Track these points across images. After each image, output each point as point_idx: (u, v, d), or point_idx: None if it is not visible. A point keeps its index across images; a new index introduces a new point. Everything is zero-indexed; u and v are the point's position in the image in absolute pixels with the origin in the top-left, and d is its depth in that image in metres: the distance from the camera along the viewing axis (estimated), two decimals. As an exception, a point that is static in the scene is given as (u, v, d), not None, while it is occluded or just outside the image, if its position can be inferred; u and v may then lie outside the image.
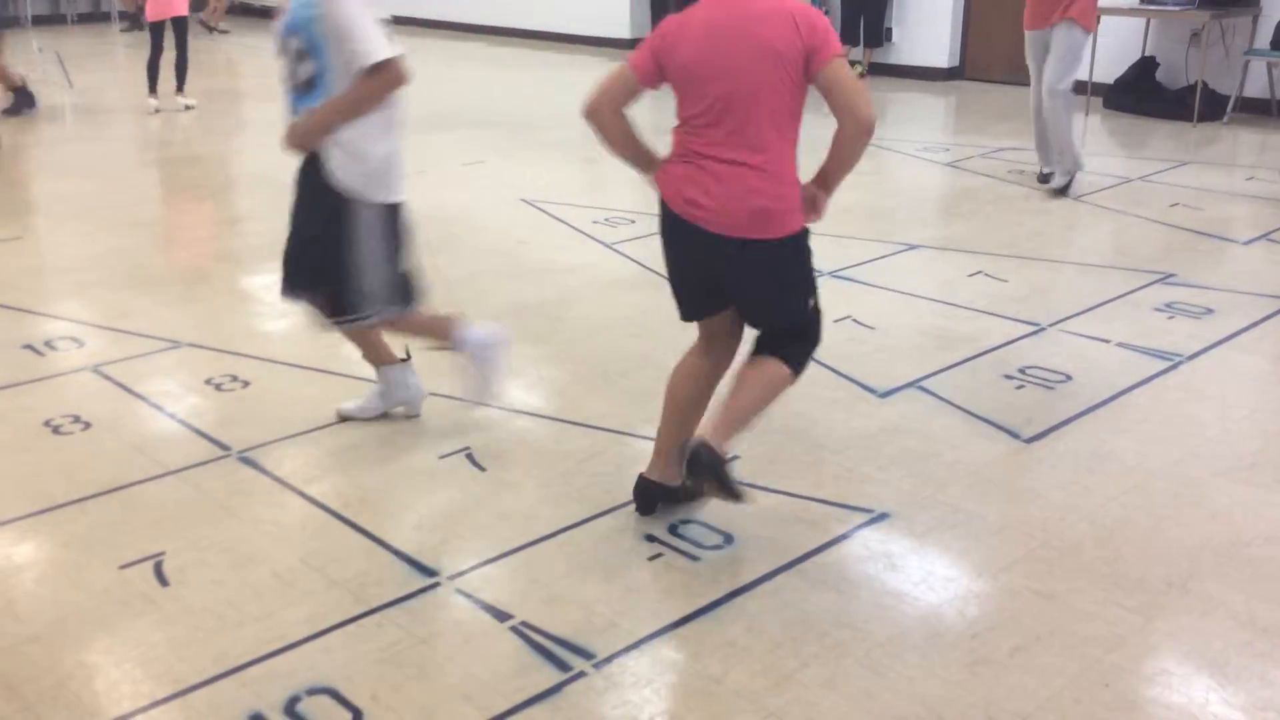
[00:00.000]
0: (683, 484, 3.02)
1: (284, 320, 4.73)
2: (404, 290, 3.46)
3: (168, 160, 8.00)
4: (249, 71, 11.81)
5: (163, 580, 2.84)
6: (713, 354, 3.11)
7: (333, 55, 3.18)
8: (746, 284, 2.93)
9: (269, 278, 5.27)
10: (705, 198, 2.82)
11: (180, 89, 9.21)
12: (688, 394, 3.09)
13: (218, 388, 3.97)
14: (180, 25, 9.00)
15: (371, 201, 3.30)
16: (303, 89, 3.26)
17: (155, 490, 3.28)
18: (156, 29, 8.94)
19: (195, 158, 7.86)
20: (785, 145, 2.82)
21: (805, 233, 2.92)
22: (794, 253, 2.90)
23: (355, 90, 3.19)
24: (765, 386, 2.95)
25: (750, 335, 3.07)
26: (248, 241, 5.87)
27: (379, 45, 3.16)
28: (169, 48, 9.01)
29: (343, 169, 3.25)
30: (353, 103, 3.20)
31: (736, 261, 2.87)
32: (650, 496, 3.12)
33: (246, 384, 4.00)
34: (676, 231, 2.93)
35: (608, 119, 2.98)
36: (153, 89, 9.08)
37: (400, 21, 14.95)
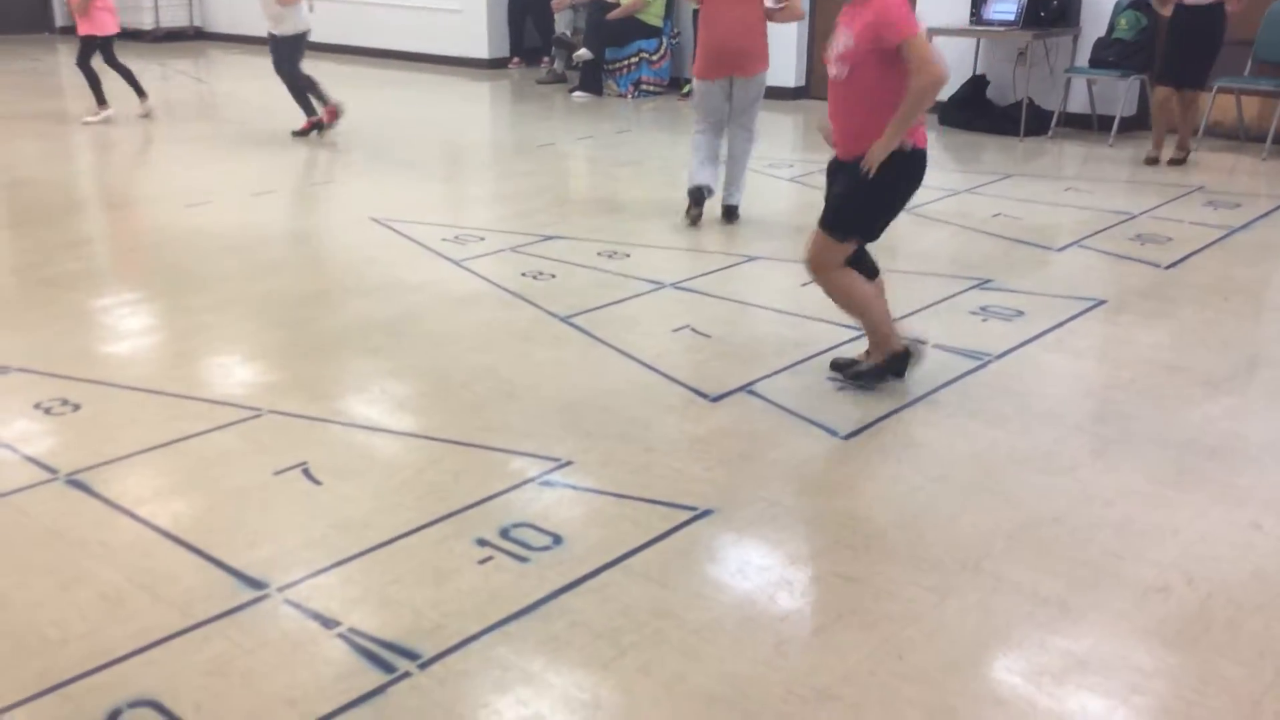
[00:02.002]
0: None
1: (118, 343, 4.68)
2: None
3: (3, 184, 7.77)
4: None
5: (-17, 604, 2.81)
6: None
7: None
8: None
9: (106, 300, 5.22)
10: None
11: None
12: (871, 287, 4.14)
13: (47, 412, 3.92)
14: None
15: None
16: None
17: (-22, 516, 3.24)
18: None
19: (29, 180, 7.64)
20: None
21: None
22: None
23: None
24: None
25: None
26: (84, 265, 5.77)
27: None
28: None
29: None
30: None
31: None
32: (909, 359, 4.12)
33: (77, 407, 3.96)
34: (920, 166, 3.91)
35: None
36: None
37: (252, 41, 14.76)
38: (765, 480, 3.46)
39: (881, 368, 4.08)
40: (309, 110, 8.83)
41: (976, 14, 9.43)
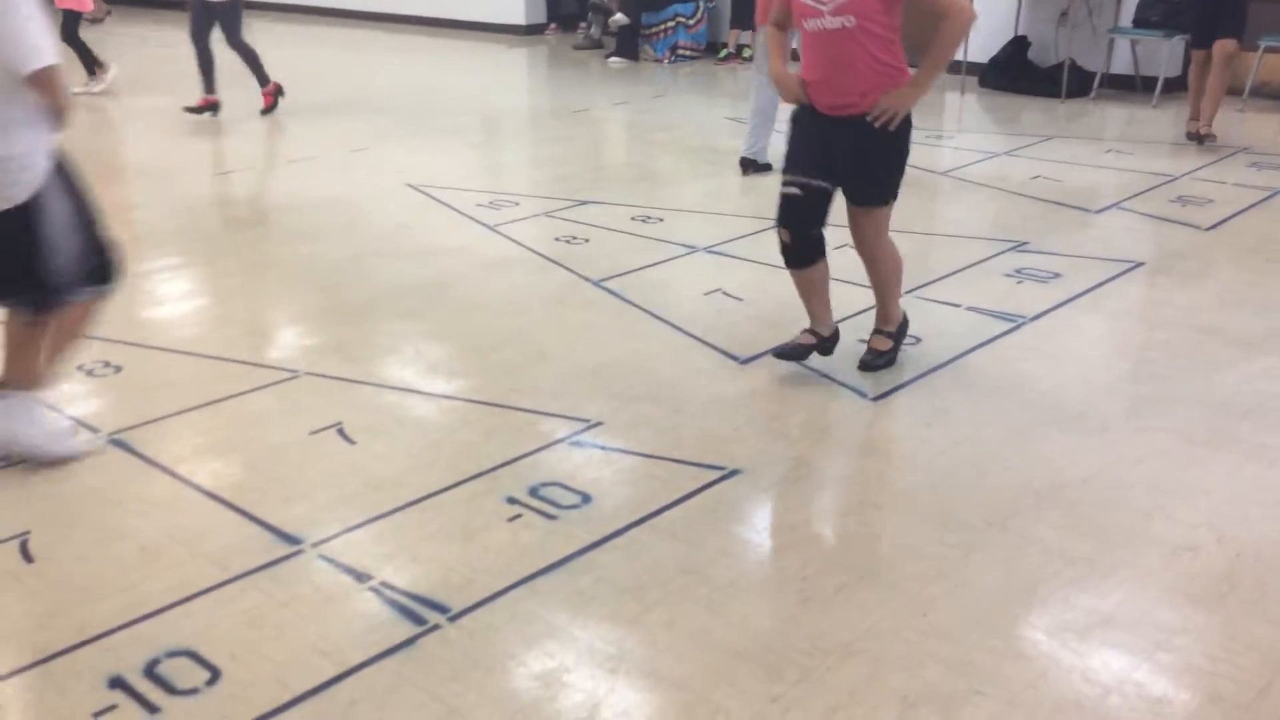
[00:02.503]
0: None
1: (159, 307, 4.77)
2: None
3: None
4: (147, 60, 11.63)
5: (28, 557, 2.90)
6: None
7: None
8: None
9: (146, 265, 5.30)
10: None
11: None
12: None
13: (90, 373, 4.01)
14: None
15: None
16: None
17: (23, 473, 3.32)
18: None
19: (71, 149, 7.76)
20: None
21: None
22: None
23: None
24: None
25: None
26: (124, 231, 5.85)
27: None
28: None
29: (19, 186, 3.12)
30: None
31: None
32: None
33: (119, 369, 4.04)
34: None
35: None
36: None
37: (296, 10, 14.87)
38: (793, 441, 3.48)
39: (900, 335, 4.02)
40: (211, 87, 8.30)
41: (1018, -27, 9.29)
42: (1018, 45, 9.54)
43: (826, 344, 3.93)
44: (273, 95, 8.47)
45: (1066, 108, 8.80)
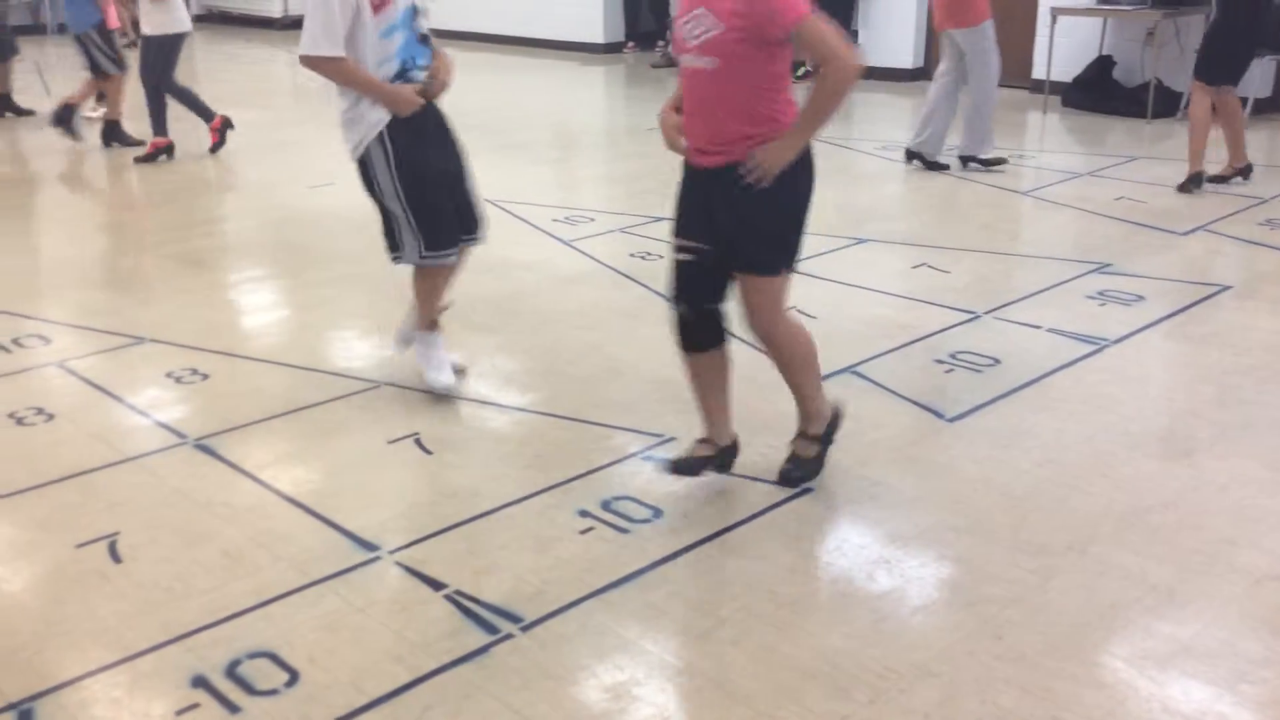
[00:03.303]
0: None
1: (244, 317, 4.89)
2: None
3: (142, 165, 8.14)
4: (212, 80, 11.95)
5: (116, 558, 2.99)
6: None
7: None
8: None
9: (233, 276, 5.45)
10: None
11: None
12: None
13: (178, 380, 4.12)
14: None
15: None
16: (425, 41, 3.74)
17: (113, 476, 3.43)
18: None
19: (166, 163, 7.98)
20: None
21: None
22: None
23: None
24: None
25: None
26: (217, 242, 6.03)
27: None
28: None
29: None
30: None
31: None
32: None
33: (206, 376, 4.15)
34: (813, 163, 3.17)
35: None
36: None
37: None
38: (867, 460, 3.45)
39: (827, 438, 3.35)
40: (160, 129, 7.74)
41: (1103, -8, 9.16)
42: (1102, 65, 9.39)
43: (724, 456, 3.31)
44: (157, 146, 7.82)
45: (1152, 128, 8.64)
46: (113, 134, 8.29)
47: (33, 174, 7.84)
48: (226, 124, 7.85)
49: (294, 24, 15.87)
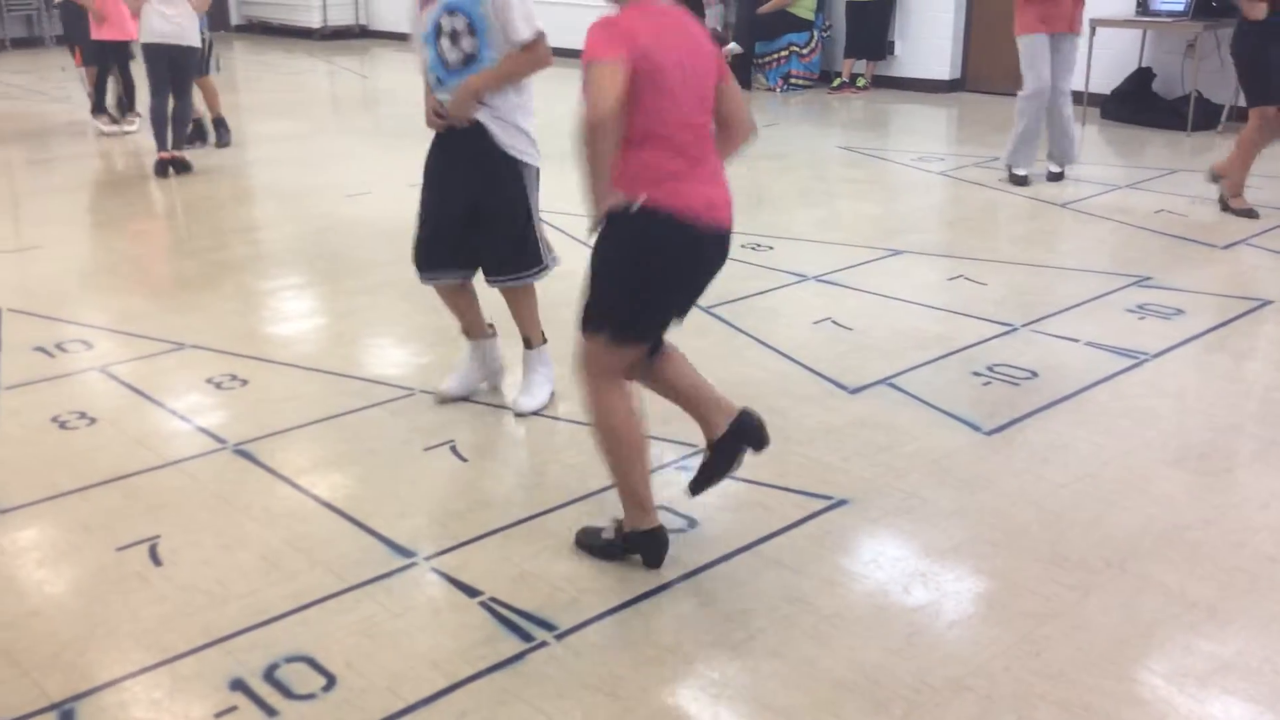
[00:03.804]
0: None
1: (283, 324, 4.94)
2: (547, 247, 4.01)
3: (182, 175, 8.24)
4: (246, 89, 12.08)
5: (156, 561, 3.02)
6: (633, 376, 2.96)
7: (494, 32, 3.59)
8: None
9: (272, 283, 5.50)
10: (723, 195, 2.80)
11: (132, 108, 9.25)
12: (643, 430, 2.95)
13: (218, 386, 4.17)
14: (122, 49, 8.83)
15: (534, 165, 3.96)
16: (459, 65, 3.65)
17: (154, 480, 3.47)
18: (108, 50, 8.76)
19: (205, 170, 8.07)
20: None
21: None
22: None
23: (513, 63, 3.64)
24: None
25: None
26: (255, 249, 6.09)
27: (534, 23, 3.66)
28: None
29: (508, 136, 3.84)
30: (509, 74, 3.67)
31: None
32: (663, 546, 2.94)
33: (245, 382, 4.20)
34: (696, 246, 2.74)
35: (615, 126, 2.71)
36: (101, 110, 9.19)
37: (397, 36, 15.19)
38: (903, 472, 3.44)
39: (620, 545, 2.96)
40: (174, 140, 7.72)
41: (1143, 4, 9.10)
42: (1142, 77, 9.32)
43: (723, 449, 2.98)
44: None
45: (1192, 141, 8.56)
46: (197, 133, 8.56)
47: (78, 182, 7.95)
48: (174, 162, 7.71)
49: (333, 34, 16.05)
